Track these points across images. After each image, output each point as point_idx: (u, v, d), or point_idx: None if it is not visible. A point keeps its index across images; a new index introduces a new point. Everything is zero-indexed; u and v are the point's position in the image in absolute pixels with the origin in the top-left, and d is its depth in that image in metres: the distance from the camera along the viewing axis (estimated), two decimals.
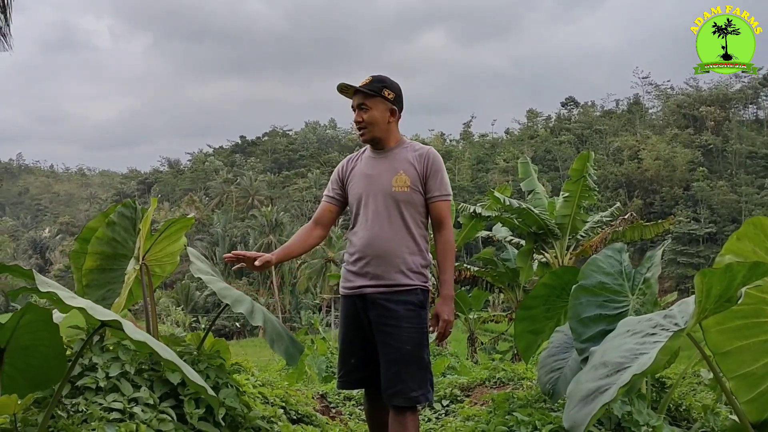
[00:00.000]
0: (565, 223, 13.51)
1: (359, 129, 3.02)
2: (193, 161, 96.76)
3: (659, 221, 15.03)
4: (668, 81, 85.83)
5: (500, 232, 15.27)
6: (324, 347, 8.24)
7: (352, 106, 3.03)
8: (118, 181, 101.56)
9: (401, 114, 3.08)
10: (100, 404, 2.40)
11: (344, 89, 3.01)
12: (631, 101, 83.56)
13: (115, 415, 2.40)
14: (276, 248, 3.22)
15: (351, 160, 3.16)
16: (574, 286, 2.92)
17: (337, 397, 4.60)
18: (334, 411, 4.31)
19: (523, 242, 14.29)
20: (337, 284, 3.41)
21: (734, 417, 2.38)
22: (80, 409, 2.37)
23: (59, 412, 2.25)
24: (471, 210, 14.33)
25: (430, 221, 3.05)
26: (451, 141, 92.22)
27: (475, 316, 16.87)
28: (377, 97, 2.97)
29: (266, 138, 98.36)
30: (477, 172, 76.31)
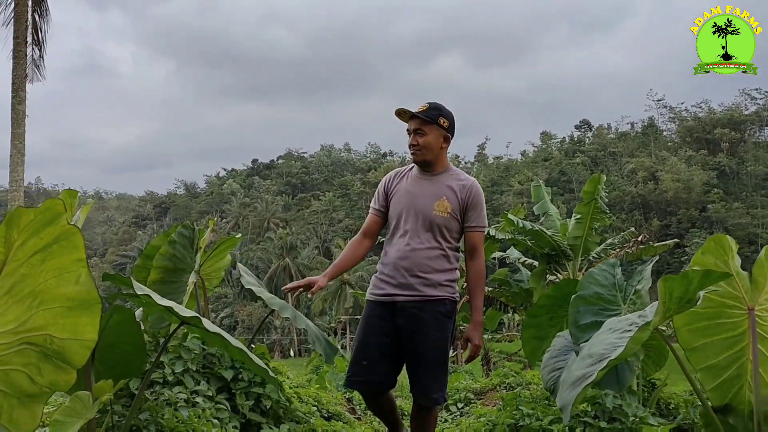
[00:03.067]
0: (577, 245, 13.83)
1: (412, 149, 3.25)
2: (209, 184, 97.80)
3: (667, 242, 15.33)
4: (682, 103, 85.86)
5: (514, 253, 15.63)
6: (342, 365, 8.60)
7: (408, 130, 3.26)
8: (135, 204, 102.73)
9: (451, 141, 3.34)
10: (168, 395, 2.85)
11: (402, 114, 3.26)
12: (646, 123, 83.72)
13: (181, 403, 2.85)
14: (292, 270, 3.59)
15: (398, 175, 3.41)
16: (573, 297, 3.34)
17: (362, 402, 5.01)
18: (359, 413, 4.73)
19: (536, 263, 14.64)
20: (352, 306, 3.76)
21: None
22: (154, 398, 2.82)
23: (145, 395, 2.70)
24: (486, 232, 14.70)
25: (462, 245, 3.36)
26: (465, 163, 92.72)
27: (489, 336, 17.17)
28: (433, 124, 3.22)
29: (281, 161, 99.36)
30: (492, 194, 76.61)
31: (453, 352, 14.91)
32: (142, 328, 2.86)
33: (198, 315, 2.26)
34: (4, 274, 1.33)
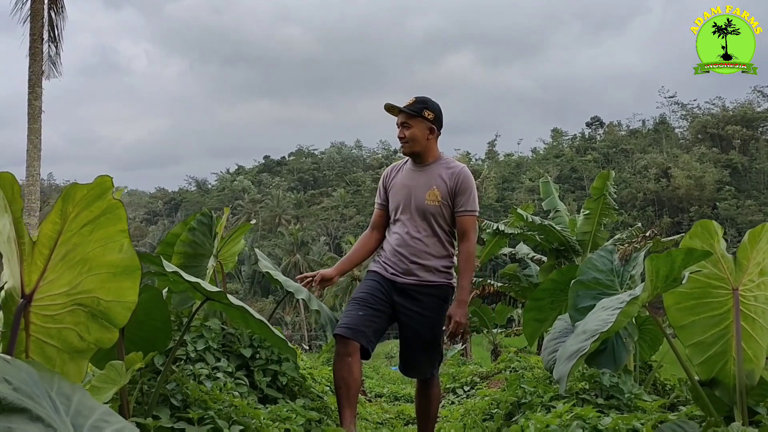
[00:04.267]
0: (586, 240, 13.94)
1: (401, 142, 3.46)
2: (220, 180, 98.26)
3: (674, 237, 15.41)
4: (694, 100, 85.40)
5: (523, 249, 15.77)
6: None
7: (397, 123, 3.46)
8: (146, 200, 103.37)
9: (440, 132, 3.51)
10: (192, 369, 3.05)
11: (390, 108, 3.46)
12: (657, 121, 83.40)
13: (203, 377, 3.05)
14: (302, 266, 3.77)
15: (394, 169, 3.63)
16: (572, 281, 3.52)
17: (370, 380, 5.22)
18: (369, 396, 4.94)
19: (545, 259, 14.77)
20: None
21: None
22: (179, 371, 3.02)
23: (172, 367, 2.90)
24: (494, 227, 14.85)
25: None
26: (476, 160, 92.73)
27: (499, 331, 17.30)
28: (418, 117, 3.41)
29: (292, 158, 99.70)
30: (503, 191, 76.60)
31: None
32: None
33: (222, 290, 2.45)
34: (59, 243, 1.52)
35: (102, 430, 1.40)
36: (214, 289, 2.42)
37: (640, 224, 16.51)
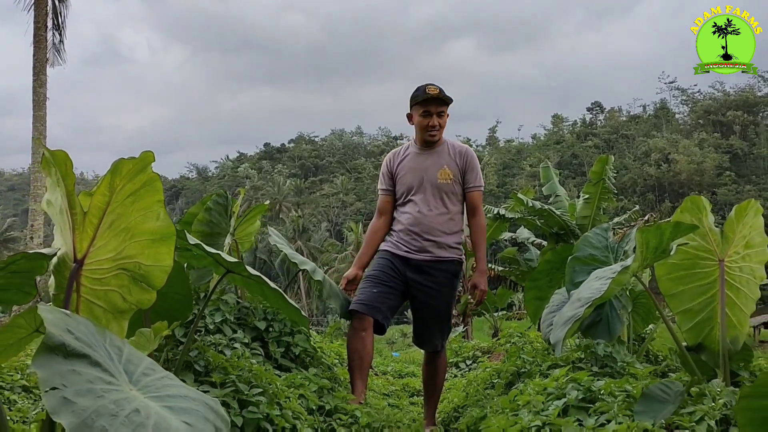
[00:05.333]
0: (585, 224, 14.10)
1: (434, 131, 3.58)
2: (220, 168, 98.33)
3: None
4: (695, 85, 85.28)
5: (524, 233, 15.96)
6: None
7: (429, 111, 3.56)
8: None
9: None
10: (212, 339, 3.24)
11: (433, 98, 3.52)
12: (658, 106, 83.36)
13: (222, 347, 3.24)
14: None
15: (396, 155, 3.78)
16: (569, 258, 3.70)
17: (377, 358, 5.42)
18: (376, 370, 5.14)
19: (545, 243, 14.96)
20: None
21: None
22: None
23: (194, 336, 3.10)
24: (495, 212, 15.03)
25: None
26: (477, 147, 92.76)
27: (500, 315, 17.53)
28: (448, 105, 3.62)
29: (292, 145, 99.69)
30: (503, 177, 76.72)
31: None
32: None
33: (241, 261, 2.63)
34: (107, 213, 1.69)
35: (150, 376, 1.59)
36: (233, 260, 2.60)
37: (637, 207, 16.67)
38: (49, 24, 16.50)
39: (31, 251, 1.69)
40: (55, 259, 1.75)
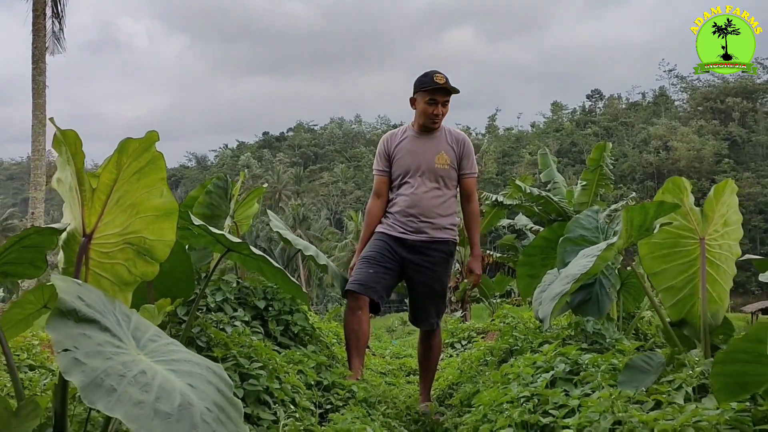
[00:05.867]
0: (582, 210, 14.19)
1: (437, 119, 3.71)
2: (219, 157, 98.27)
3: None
4: (694, 71, 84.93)
5: (522, 220, 16.07)
6: None
7: (435, 100, 3.67)
8: None
9: None
10: (213, 317, 3.35)
11: (441, 88, 3.64)
12: (657, 93, 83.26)
13: (223, 325, 3.35)
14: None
15: (393, 137, 3.87)
16: (561, 238, 3.80)
17: (375, 343, 5.53)
18: (373, 349, 5.26)
19: (543, 229, 15.07)
20: None
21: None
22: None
23: (197, 314, 3.21)
24: (493, 198, 15.14)
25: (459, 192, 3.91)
26: (476, 135, 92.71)
27: (498, 301, 17.64)
28: (451, 95, 3.74)
29: (291, 133, 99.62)
30: (503, 165, 76.75)
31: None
32: None
33: (243, 241, 2.74)
34: (114, 190, 1.79)
35: (156, 342, 1.69)
36: (236, 240, 2.71)
37: (635, 194, 16.78)
38: (48, 12, 16.52)
39: (43, 226, 1.79)
40: (64, 234, 1.85)
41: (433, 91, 3.67)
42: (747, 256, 2.99)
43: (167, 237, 1.93)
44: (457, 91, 3.70)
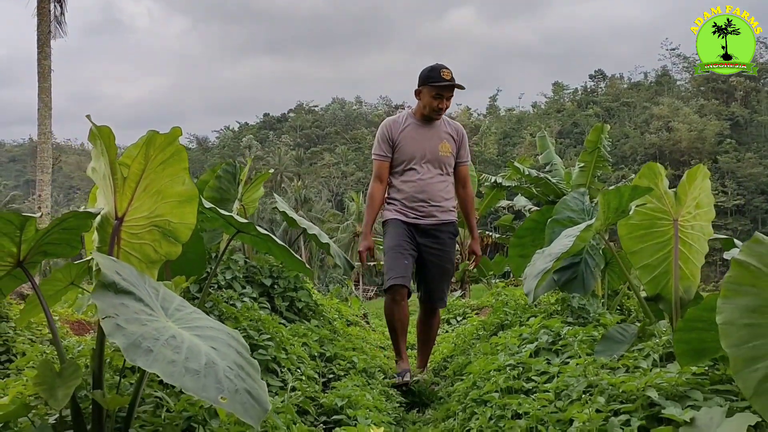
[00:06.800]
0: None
1: (440, 112, 3.93)
2: (221, 137, 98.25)
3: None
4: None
5: (520, 201, 16.30)
6: (357, 304, 9.48)
7: (442, 95, 3.89)
8: None
9: None
10: (224, 293, 3.61)
11: (447, 86, 3.86)
12: (660, 73, 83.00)
13: (233, 300, 3.61)
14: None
15: (396, 124, 4.04)
16: (549, 220, 4.04)
17: (372, 319, 5.80)
18: (372, 325, 5.53)
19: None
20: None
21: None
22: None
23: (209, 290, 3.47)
24: (492, 180, 15.36)
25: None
26: (477, 115, 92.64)
27: (496, 282, 17.90)
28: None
29: (292, 114, 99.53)
30: (503, 146, 76.79)
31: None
32: None
33: (251, 222, 2.99)
34: (143, 178, 2.03)
35: (181, 311, 1.94)
36: (244, 221, 2.95)
37: (634, 176, 16.96)
38: None
39: (80, 210, 2.03)
40: (98, 218, 2.09)
41: (440, 87, 3.89)
42: (715, 236, 3.22)
43: (189, 220, 2.17)
44: (463, 88, 3.92)
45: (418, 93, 4.01)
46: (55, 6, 17.03)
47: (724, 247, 3.28)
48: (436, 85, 3.87)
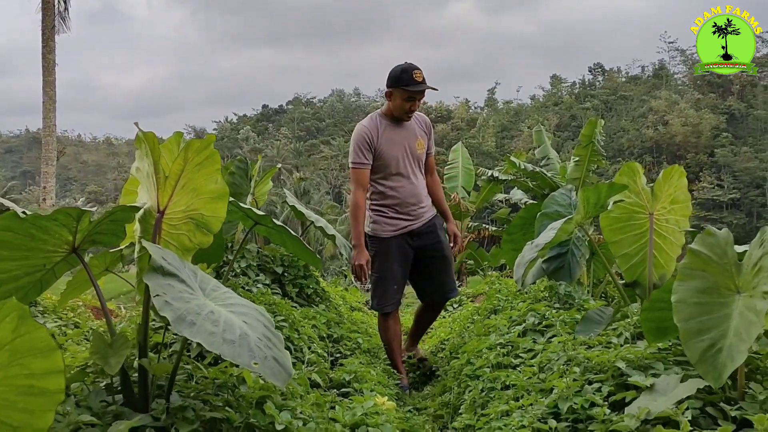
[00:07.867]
0: (575, 186, 14.70)
1: (412, 114, 3.93)
2: (219, 129, 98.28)
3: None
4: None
5: (517, 194, 16.59)
6: (357, 293, 9.80)
7: (413, 98, 3.85)
8: None
9: None
10: (241, 280, 3.93)
11: (420, 92, 3.84)
12: (657, 67, 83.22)
13: (248, 286, 3.93)
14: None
15: (373, 130, 3.93)
16: (538, 214, 4.37)
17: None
18: (372, 314, 5.87)
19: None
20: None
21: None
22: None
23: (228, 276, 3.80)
24: (489, 174, 15.66)
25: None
26: (475, 108, 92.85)
27: (494, 273, 18.21)
28: None
29: (291, 106, 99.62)
30: (502, 139, 77.00)
31: None
32: None
33: (267, 214, 3.31)
34: (181, 178, 2.35)
35: (217, 291, 2.27)
36: (262, 213, 3.28)
37: None
38: None
39: (127, 205, 2.35)
40: (141, 211, 2.41)
41: (413, 91, 3.83)
42: (686, 229, 3.55)
43: (220, 214, 2.49)
44: (435, 89, 3.90)
45: (389, 95, 3.94)
46: (58, 1, 17.28)
47: (693, 239, 3.61)
48: (409, 89, 3.82)
